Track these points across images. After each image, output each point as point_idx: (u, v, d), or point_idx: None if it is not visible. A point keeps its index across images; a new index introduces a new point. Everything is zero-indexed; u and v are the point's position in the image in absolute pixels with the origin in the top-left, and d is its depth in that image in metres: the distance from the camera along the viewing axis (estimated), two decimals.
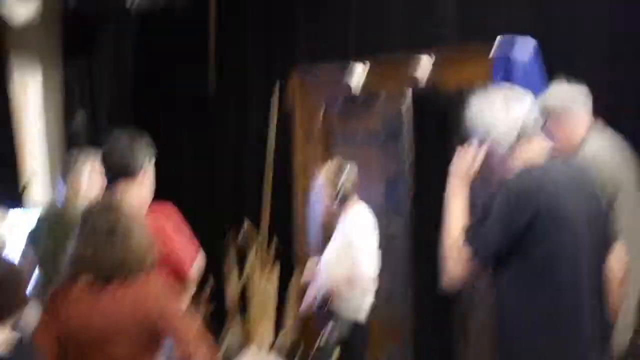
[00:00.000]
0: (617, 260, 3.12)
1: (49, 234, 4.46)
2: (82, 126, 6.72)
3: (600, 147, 3.81)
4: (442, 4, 5.53)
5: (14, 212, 5.34)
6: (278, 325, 6.07)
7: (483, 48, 4.81)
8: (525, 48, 4.65)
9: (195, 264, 3.82)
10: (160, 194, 3.82)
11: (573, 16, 5.02)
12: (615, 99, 4.64)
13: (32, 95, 6.75)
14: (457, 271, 3.00)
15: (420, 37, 5.54)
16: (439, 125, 5.41)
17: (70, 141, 6.67)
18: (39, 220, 4.61)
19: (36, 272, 4.43)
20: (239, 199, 6.46)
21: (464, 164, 3.05)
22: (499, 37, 4.66)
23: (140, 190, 3.71)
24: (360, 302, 4.58)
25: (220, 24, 6.83)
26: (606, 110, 4.06)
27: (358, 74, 5.39)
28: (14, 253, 4.45)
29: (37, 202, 6.02)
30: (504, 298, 2.95)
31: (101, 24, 7.08)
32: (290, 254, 6.01)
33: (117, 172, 3.72)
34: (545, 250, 2.85)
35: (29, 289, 3.97)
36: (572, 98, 3.91)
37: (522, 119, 2.95)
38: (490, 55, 4.60)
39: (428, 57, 5.08)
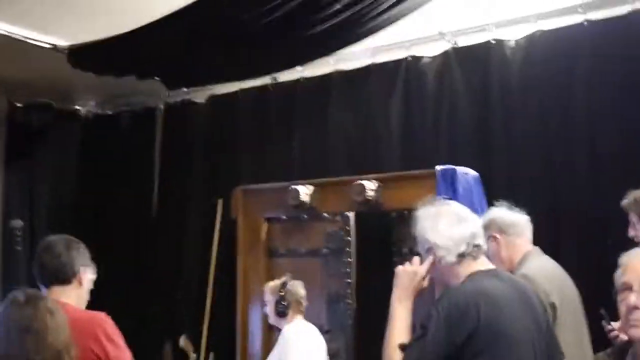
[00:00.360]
0: None
1: None
2: (19, 233, 6.60)
3: (539, 265, 3.88)
4: (386, 132, 5.73)
5: None
6: None
7: (425, 173, 4.97)
8: (466, 175, 4.82)
9: None
10: (96, 303, 3.78)
11: (512, 148, 5.22)
12: (554, 229, 4.81)
13: None
14: None
15: (364, 162, 5.75)
16: (381, 244, 5.50)
17: (6, 248, 6.56)
18: None
19: None
20: (177, 310, 6.39)
21: (408, 276, 3.06)
22: (439, 166, 4.82)
23: (73, 297, 3.66)
24: None
25: (166, 141, 6.97)
26: (545, 239, 4.18)
27: (301, 194, 5.47)
28: None
29: None
30: None
31: (45, 131, 7.10)
32: None
33: (51, 277, 3.67)
34: None
35: None
36: (516, 219, 4.00)
37: (469, 236, 2.99)
38: (437, 171, 4.72)
39: (371, 181, 5.20)
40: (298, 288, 4.88)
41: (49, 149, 7.20)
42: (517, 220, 3.98)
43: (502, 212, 4.01)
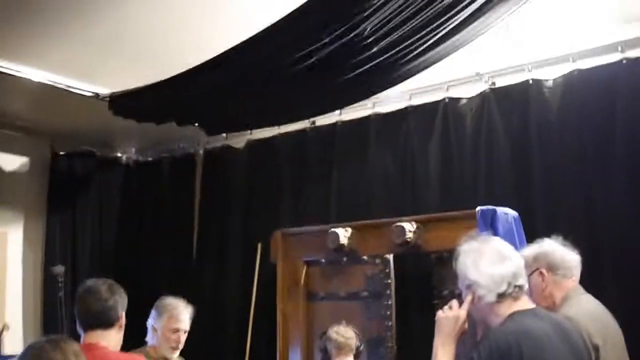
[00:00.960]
0: None
1: None
2: (61, 279, 6.68)
3: (582, 305, 3.79)
4: (423, 173, 5.72)
5: None
6: None
7: (465, 214, 4.94)
8: (506, 215, 4.77)
9: None
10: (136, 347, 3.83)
11: (552, 187, 5.17)
12: (595, 268, 4.73)
13: (12, 244, 6.75)
14: None
15: (403, 204, 5.74)
16: (421, 286, 5.47)
17: (48, 294, 6.63)
18: None
19: None
20: (218, 355, 6.38)
21: (449, 321, 3.02)
22: (479, 207, 4.78)
23: (113, 341, 3.69)
24: None
25: (205, 186, 7.03)
26: (587, 278, 4.11)
27: (340, 237, 5.46)
28: None
29: (11, 351, 5.89)
30: None
31: (87, 178, 7.20)
32: None
33: (95, 320, 3.70)
34: None
35: None
36: (568, 259, 3.85)
37: (510, 276, 2.95)
38: (477, 211, 4.68)
39: (410, 222, 5.18)
40: (338, 333, 4.88)
41: (90, 195, 7.30)
42: (568, 261, 3.83)
43: (555, 248, 3.84)
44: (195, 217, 7.12)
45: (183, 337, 4.56)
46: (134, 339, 4.03)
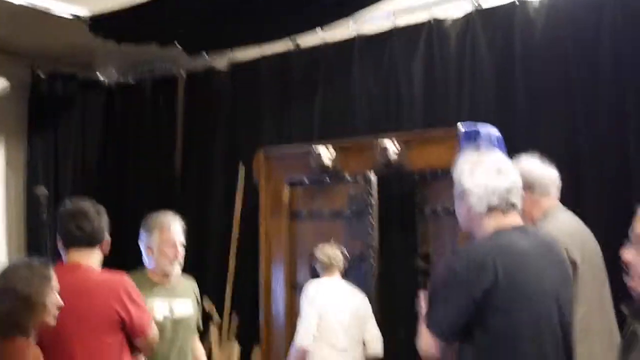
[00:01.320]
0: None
1: None
2: (44, 201, 6.67)
3: (561, 222, 3.83)
4: (408, 93, 5.71)
5: None
6: None
7: (447, 132, 4.94)
8: (489, 134, 4.78)
9: (152, 329, 3.81)
10: (120, 265, 3.85)
11: (535, 107, 5.19)
12: (576, 187, 4.77)
13: None
14: (428, 349, 2.98)
15: (386, 123, 5.73)
16: (403, 205, 5.51)
17: (31, 215, 6.63)
18: None
19: None
20: (201, 274, 6.42)
21: None
22: (461, 123, 4.79)
23: (95, 260, 3.75)
24: None
25: (188, 107, 6.99)
26: (567, 196, 4.14)
27: (323, 157, 5.46)
28: None
29: None
30: None
31: (68, 100, 7.15)
32: (253, 328, 5.95)
33: (82, 240, 3.73)
34: (505, 322, 2.82)
35: None
36: (546, 177, 3.89)
37: (503, 190, 2.95)
38: (459, 130, 4.69)
39: (392, 140, 5.18)
40: (324, 252, 5.07)
41: (72, 117, 7.25)
42: (546, 178, 3.86)
43: (532, 167, 3.87)
44: (178, 138, 7.09)
45: (180, 250, 4.34)
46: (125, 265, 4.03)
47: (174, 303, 4.31)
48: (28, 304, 3.15)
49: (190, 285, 4.51)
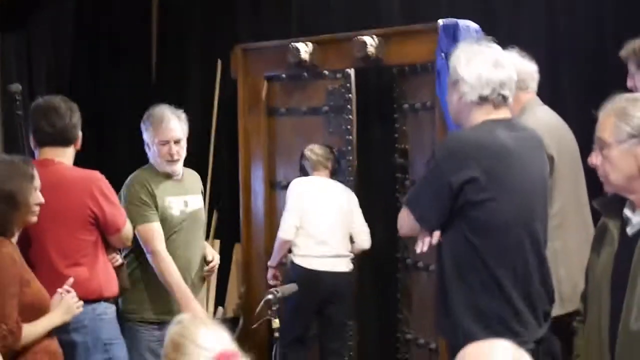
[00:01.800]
0: None
1: None
2: (19, 97, 6.59)
3: (538, 117, 3.82)
4: None
5: None
6: (218, 299, 6.06)
7: (426, 28, 4.88)
8: (468, 27, 4.72)
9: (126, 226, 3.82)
10: (96, 166, 3.85)
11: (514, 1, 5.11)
12: (554, 80, 4.76)
13: None
14: (407, 231, 3.06)
15: (364, 18, 5.63)
16: (381, 100, 5.49)
17: (7, 112, 6.55)
18: None
19: None
20: None
21: None
22: (441, 20, 4.71)
23: (68, 158, 3.76)
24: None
25: (162, 5, 6.83)
26: (544, 89, 4.13)
27: (301, 52, 5.39)
28: None
29: None
30: (446, 260, 2.96)
31: None
32: (233, 225, 5.99)
33: (56, 137, 3.70)
34: (487, 212, 2.86)
35: None
36: (524, 71, 3.83)
37: (497, 82, 2.94)
38: (438, 25, 4.63)
39: (371, 36, 5.11)
40: (313, 151, 5.21)
41: (45, 16, 7.06)
42: (524, 72, 3.79)
43: (514, 57, 3.76)
44: (153, 36, 6.93)
45: (177, 148, 4.15)
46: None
47: (187, 197, 4.29)
48: (11, 203, 3.13)
49: (197, 180, 4.52)
